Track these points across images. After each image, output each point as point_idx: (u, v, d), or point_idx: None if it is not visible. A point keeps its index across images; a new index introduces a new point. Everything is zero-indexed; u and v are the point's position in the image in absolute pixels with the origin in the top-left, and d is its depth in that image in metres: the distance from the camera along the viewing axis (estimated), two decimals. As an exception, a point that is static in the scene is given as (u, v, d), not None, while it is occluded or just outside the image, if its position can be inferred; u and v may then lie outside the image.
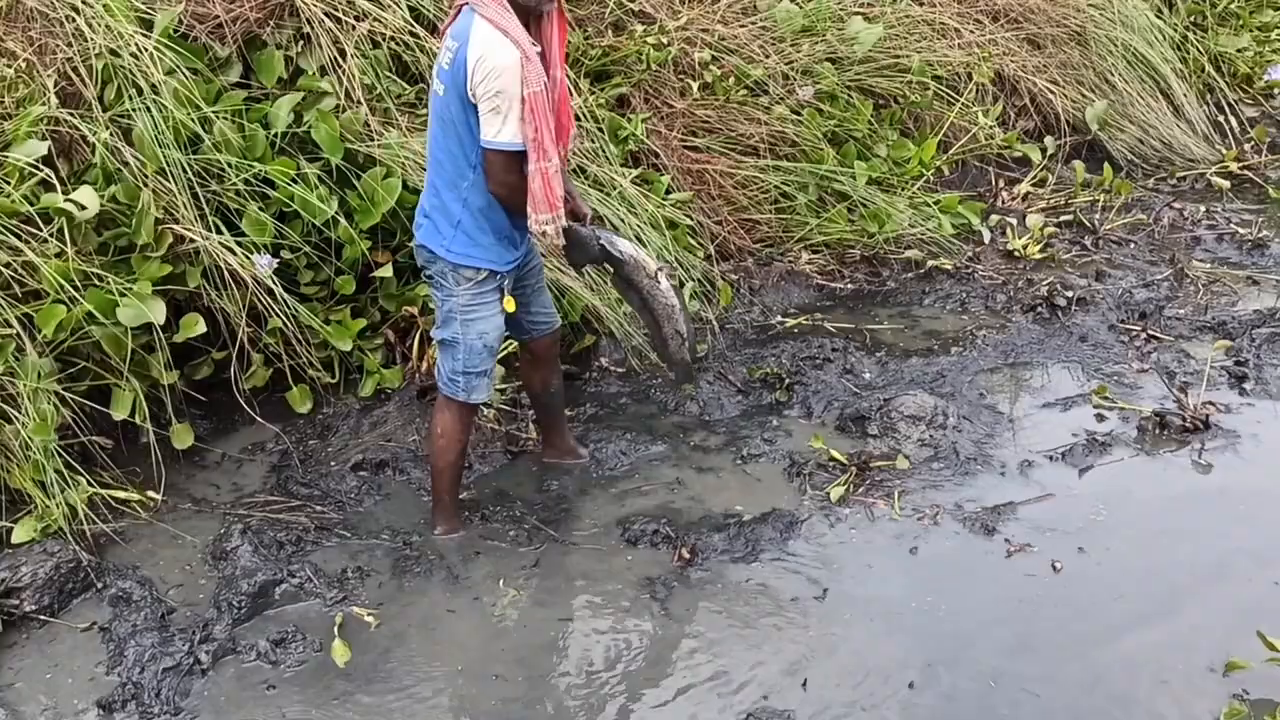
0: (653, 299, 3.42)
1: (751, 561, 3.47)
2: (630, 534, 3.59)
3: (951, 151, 5.59)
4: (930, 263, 5.16)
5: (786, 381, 4.35)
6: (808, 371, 4.42)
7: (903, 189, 5.33)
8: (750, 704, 2.95)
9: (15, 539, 3.30)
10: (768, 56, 5.20)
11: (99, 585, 3.27)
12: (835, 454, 3.92)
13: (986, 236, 5.35)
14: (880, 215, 5.16)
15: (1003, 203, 5.72)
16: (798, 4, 5.39)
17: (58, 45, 3.82)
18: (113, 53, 3.79)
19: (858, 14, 5.47)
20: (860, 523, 3.64)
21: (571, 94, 4.36)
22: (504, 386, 4.15)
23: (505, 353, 4.00)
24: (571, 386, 4.38)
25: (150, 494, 3.63)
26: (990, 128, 5.66)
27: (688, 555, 3.49)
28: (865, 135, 5.35)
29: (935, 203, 5.36)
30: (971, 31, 5.78)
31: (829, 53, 5.35)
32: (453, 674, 3.08)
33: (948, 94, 5.59)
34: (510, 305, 3.34)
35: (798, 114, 5.18)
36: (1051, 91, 5.93)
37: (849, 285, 5.11)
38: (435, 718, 2.96)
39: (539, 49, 3.09)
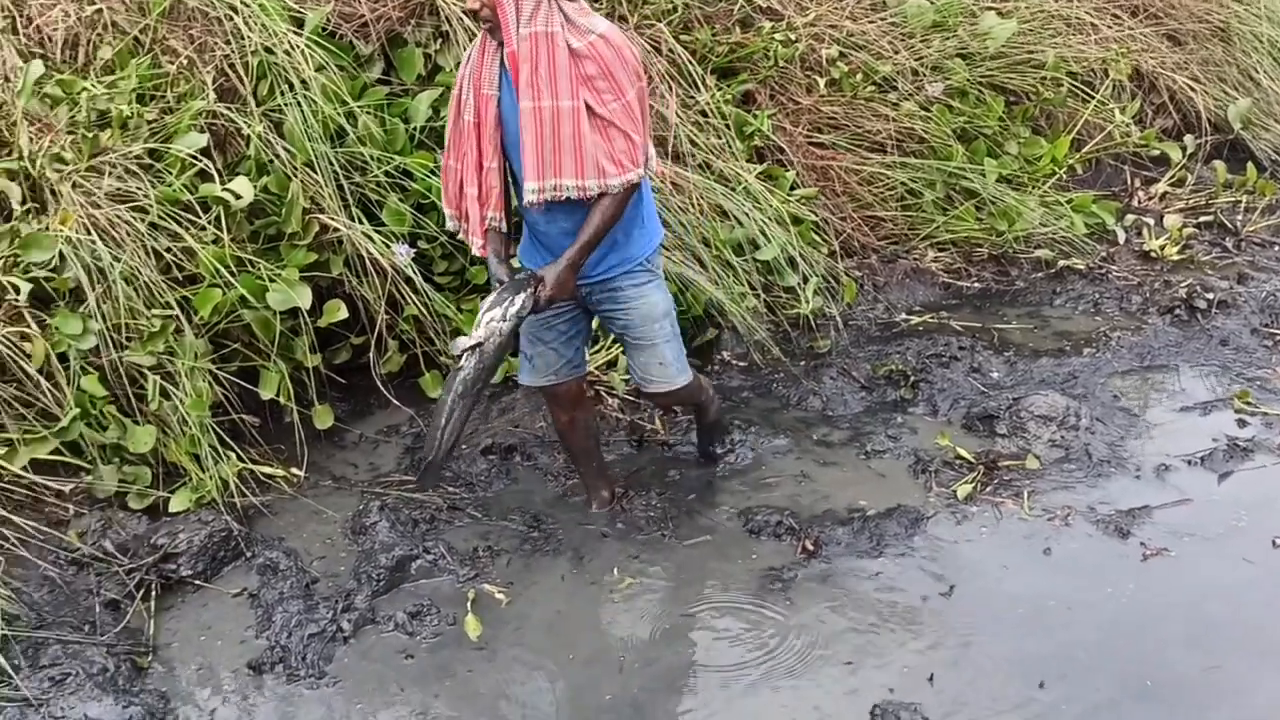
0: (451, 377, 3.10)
1: (876, 556, 3.47)
2: (753, 525, 3.62)
3: (1085, 149, 5.47)
4: (1061, 263, 5.06)
5: (911, 379, 4.33)
6: (933, 369, 4.38)
7: (1034, 187, 5.24)
8: (876, 696, 2.95)
9: (172, 508, 3.49)
10: (897, 52, 5.17)
11: (248, 554, 3.44)
12: (962, 452, 3.88)
13: (1121, 237, 5.22)
14: (1010, 214, 5.08)
15: (1139, 202, 5.57)
16: None
17: (216, 43, 4.02)
18: (267, 50, 3.98)
19: (991, 9, 5.40)
20: (988, 522, 3.60)
21: (662, 102, 4.38)
22: (628, 377, 4.22)
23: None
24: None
25: (294, 470, 3.79)
26: (1126, 125, 5.52)
27: (811, 547, 3.50)
28: (996, 132, 5.28)
29: (1068, 201, 5.25)
30: (1109, 27, 5.65)
31: (960, 48, 5.29)
32: (574, 658, 3.15)
33: (1082, 91, 5.47)
34: None
35: (926, 110, 5.14)
36: (1192, 89, 5.75)
37: (976, 284, 5.04)
38: (556, 699, 3.03)
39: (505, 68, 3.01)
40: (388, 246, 3.99)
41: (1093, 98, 5.44)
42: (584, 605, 3.33)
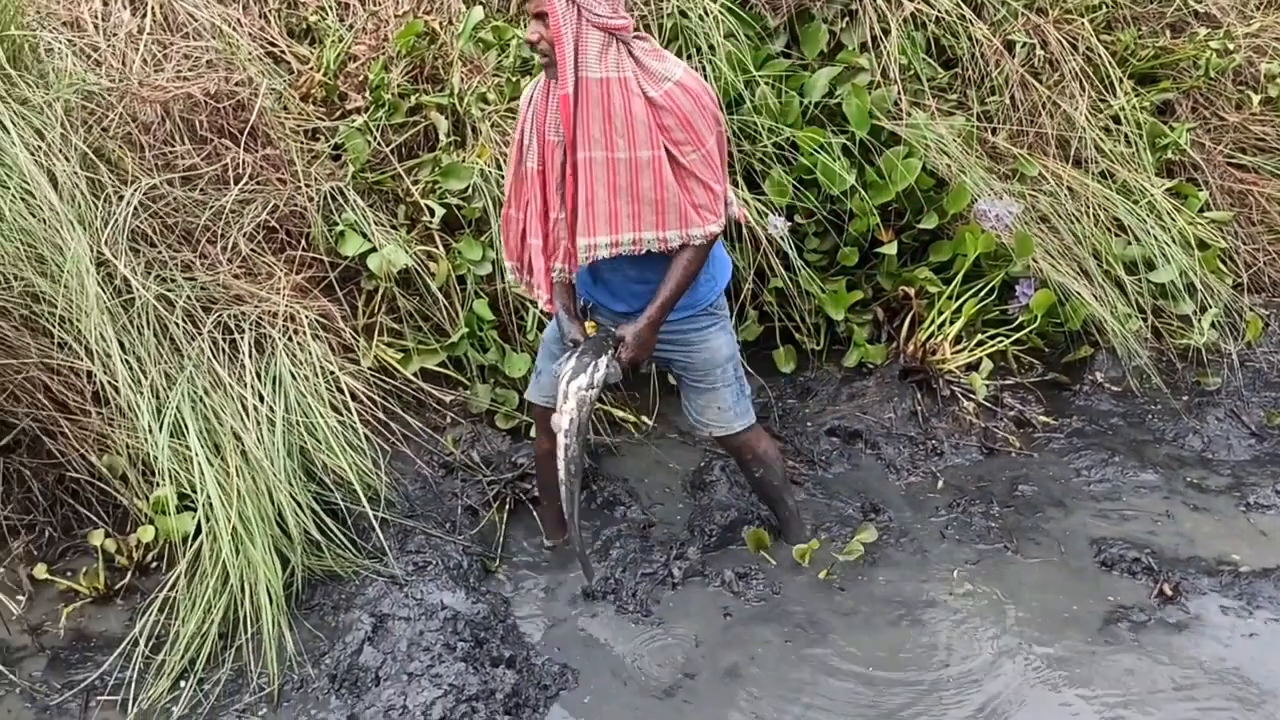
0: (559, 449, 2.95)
1: (1246, 615, 3.13)
2: (1106, 556, 3.38)
3: None
4: None
5: (1314, 434, 3.87)
6: (1342, 428, 3.90)
7: None
8: (1226, 766, 2.68)
9: (533, 433, 3.72)
10: (1353, 73, 4.60)
11: (593, 488, 3.61)
12: (1367, 524, 3.43)
13: None
14: None
15: None
16: (1402, 17, 4.71)
17: (636, 3, 4.21)
18: (682, 13, 4.12)
19: None
20: (1389, 607, 3.16)
21: (1071, 103, 4.06)
22: (989, 380, 4.04)
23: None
24: (1058, 396, 4.19)
25: (644, 419, 3.93)
26: None
27: (1170, 592, 3.22)
28: None
29: None
30: None
31: None
32: (893, 655, 3.07)
33: None
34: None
35: (1380, 141, 4.55)
36: None
37: None
38: (860, 697, 2.95)
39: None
40: (763, 216, 4.04)
41: None
42: (918, 605, 3.23)
